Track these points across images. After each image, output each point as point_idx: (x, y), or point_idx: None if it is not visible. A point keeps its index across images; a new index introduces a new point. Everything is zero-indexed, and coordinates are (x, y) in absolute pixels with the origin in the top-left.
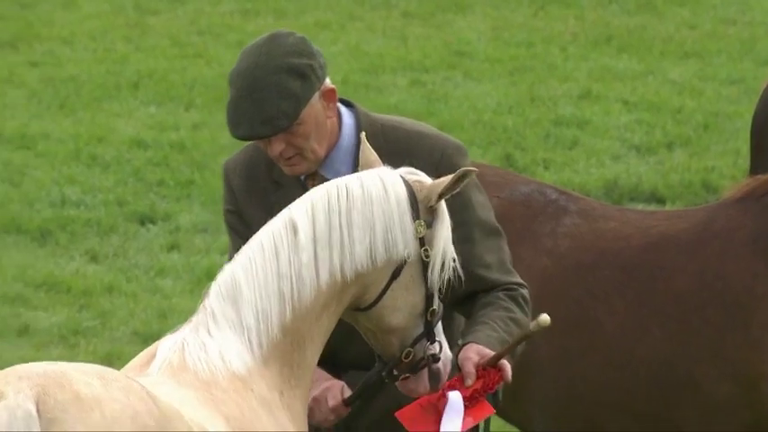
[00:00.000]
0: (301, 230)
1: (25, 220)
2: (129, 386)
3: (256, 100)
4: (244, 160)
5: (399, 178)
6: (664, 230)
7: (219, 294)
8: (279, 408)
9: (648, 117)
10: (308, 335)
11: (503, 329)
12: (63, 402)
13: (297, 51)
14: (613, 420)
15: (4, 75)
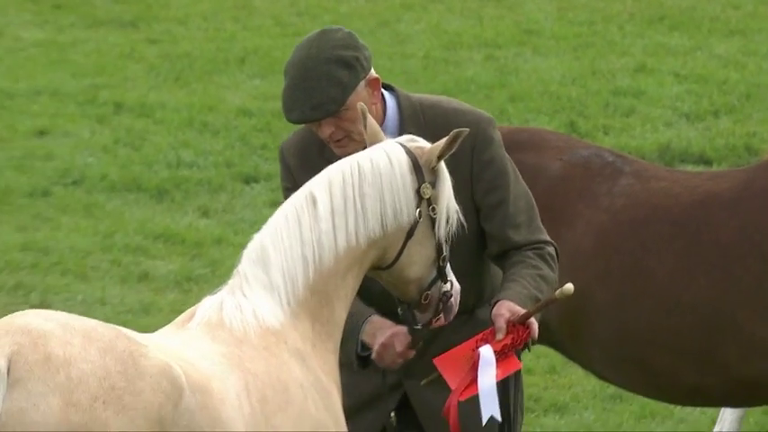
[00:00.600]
0: (320, 202)
1: (145, 180)
2: (111, 346)
3: (308, 88)
4: (297, 142)
5: (402, 149)
6: (709, 189)
7: (250, 260)
8: (311, 357)
9: (697, 88)
10: (334, 294)
11: (532, 286)
12: (31, 363)
13: (344, 45)
14: (663, 358)
15: (126, 51)
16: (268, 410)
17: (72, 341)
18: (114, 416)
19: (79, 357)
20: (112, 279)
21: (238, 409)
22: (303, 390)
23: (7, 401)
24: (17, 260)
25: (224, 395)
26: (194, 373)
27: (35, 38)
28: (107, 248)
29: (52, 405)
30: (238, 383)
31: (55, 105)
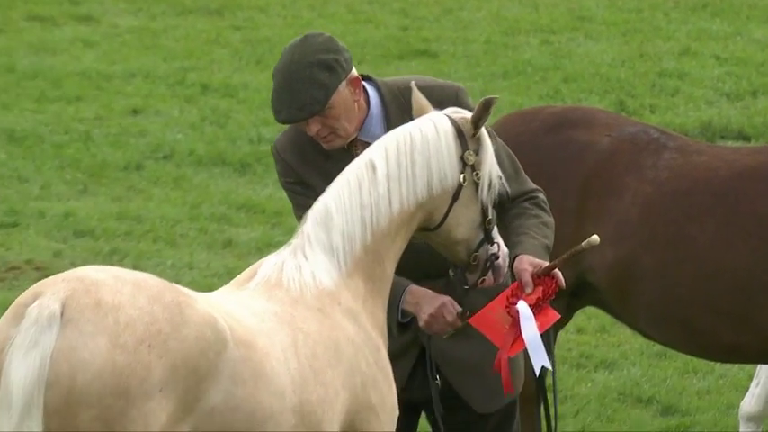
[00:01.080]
0: (379, 169)
1: (229, 154)
2: (159, 296)
3: (293, 90)
4: (291, 140)
5: (447, 119)
6: (747, 163)
7: (315, 221)
8: (362, 314)
9: (736, 70)
10: (385, 254)
11: (540, 235)
12: (83, 306)
13: (325, 49)
14: (704, 319)
15: (212, 37)
16: (317, 366)
17: (122, 289)
18: (158, 359)
19: (128, 304)
20: (199, 246)
21: (284, 364)
22: (354, 347)
23: (59, 339)
24: (113, 228)
25: (269, 350)
26: (240, 328)
27: (130, 25)
28: (194, 218)
29: (100, 345)
30: (286, 340)
31: (147, 87)
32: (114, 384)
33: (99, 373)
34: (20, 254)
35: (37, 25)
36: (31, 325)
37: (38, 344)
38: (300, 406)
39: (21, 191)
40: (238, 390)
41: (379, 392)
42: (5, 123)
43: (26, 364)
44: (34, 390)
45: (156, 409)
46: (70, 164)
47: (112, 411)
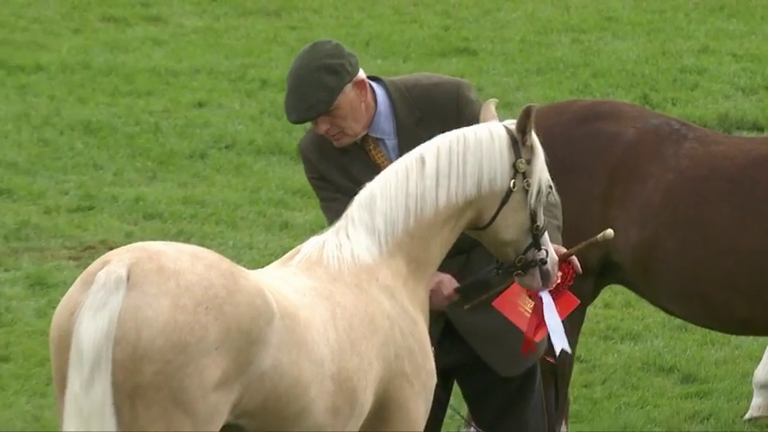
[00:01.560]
0: (428, 163)
1: (286, 144)
2: (215, 265)
3: (302, 93)
4: (312, 140)
5: (504, 129)
6: (762, 152)
7: (360, 204)
8: (401, 292)
9: (751, 66)
10: (432, 241)
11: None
12: (147, 271)
13: (331, 54)
14: (721, 295)
15: (270, 36)
16: (354, 336)
17: (181, 258)
18: (214, 321)
19: (187, 270)
20: (258, 228)
21: (323, 335)
22: (389, 320)
23: (125, 300)
24: (179, 211)
25: (310, 322)
26: (284, 301)
27: (195, 25)
28: (254, 202)
29: (162, 305)
30: (325, 314)
31: (211, 82)
32: (175, 341)
33: (161, 330)
34: (95, 235)
35: (111, 26)
36: (99, 288)
37: (106, 305)
38: (338, 374)
39: (96, 177)
40: (284, 357)
41: (414, 362)
42: (82, 116)
43: (95, 323)
44: (103, 346)
45: (211, 366)
46: (141, 153)
47: (172, 366)
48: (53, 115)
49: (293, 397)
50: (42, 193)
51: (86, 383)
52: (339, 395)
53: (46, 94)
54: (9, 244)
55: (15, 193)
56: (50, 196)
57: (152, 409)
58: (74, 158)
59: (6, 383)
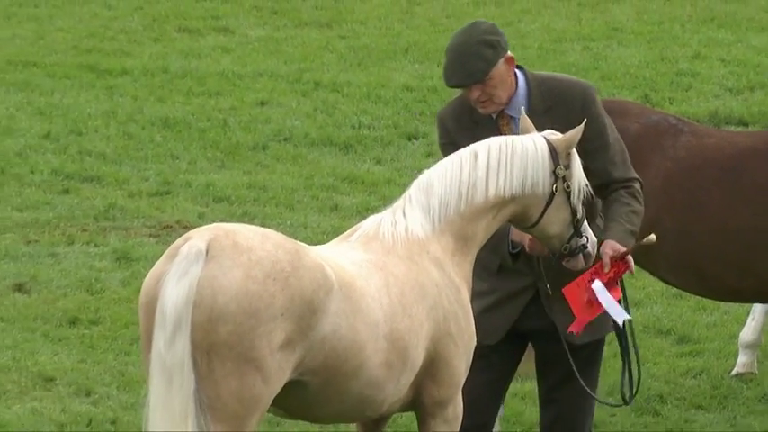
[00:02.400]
0: (480, 158)
1: (335, 137)
2: (282, 244)
3: (463, 62)
4: (453, 111)
5: (544, 140)
6: (748, 143)
7: (419, 187)
8: (448, 264)
9: (738, 70)
10: (478, 224)
11: (627, 222)
12: (223, 246)
13: (489, 32)
14: (712, 268)
15: (323, 44)
16: (405, 302)
17: (253, 237)
18: (281, 291)
19: (258, 247)
20: (312, 210)
21: (377, 300)
22: (438, 288)
23: (204, 270)
24: (244, 195)
25: (365, 291)
26: (342, 273)
27: (258, 35)
28: (308, 187)
29: (236, 275)
30: (379, 282)
31: (271, 84)
32: (246, 306)
33: (235, 296)
34: (171, 215)
35: (185, 36)
36: (182, 259)
37: (187, 273)
38: (390, 333)
39: (172, 166)
40: (342, 322)
41: (459, 325)
42: (161, 113)
43: (177, 289)
44: (184, 308)
45: (277, 330)
46: (211, 145)
47: (244, 328)
48: (136, 113)
49: (351, 355)
50: (126, 180)
51: (169, 341)
52: (392, 352)
53: (130, 95)
54: (98, 223)
55: (104, 179)
56: (133, 182)
57: (226, 364)
58: (153, 150)
59: (96, 343)
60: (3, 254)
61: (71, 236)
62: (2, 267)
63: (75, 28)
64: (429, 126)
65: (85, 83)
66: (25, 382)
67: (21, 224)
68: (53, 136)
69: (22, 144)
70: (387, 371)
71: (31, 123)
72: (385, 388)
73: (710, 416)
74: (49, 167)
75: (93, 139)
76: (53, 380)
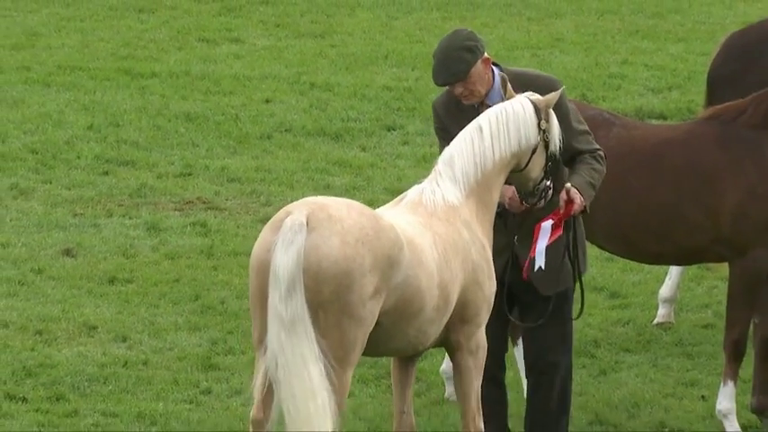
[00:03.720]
0: (485, 131)
1: (327, 128)
2: (363, 211)
3: (447, 65)
4: (442, 101)
5: (529, 101)
6: (668, 135)
7: (444, 162)
8: (475, 223)
9: (658, 74)
10: (492, 186)
11: (587, 175)
12: (320, 219)
13: (468, 38)
14: (638, 236)
15: (317, 52)
16: (447, 256)
17: (341, 208)
18: (367, 252)
19: (346, 217)
20: (308, 188)
21: (430, 255)
22: (468, 244)
23: (308, 240)
24: (252, 176)
25: (423, 247)
26: (407, 232)
27: (264, 44)
28: (305, 170)
29: (334, 242)
30: (429, 239)
31: (275, 84)
32: (345, 268)
33: (335, 261)
34: (192, 193)
35: (204, 45)
36: (287, 230)
37: (294, 242)
38: (440, 283)
39: (193, 152)
40: (411, 272)
41: (483, 274)
42: (184, 109)
43: (288, 256)
44: (296, 272)
45: (368, 284)
46: (225, 135)
47: (342, 285)
48: (163, 108)
49: (415, 300)
50: (156, 164)
51: (284, 298)
52: (441, 298)
53: (158, 94)
54: (132, 200)
55: (136, 163)
56: (161, 166)
57: (329, 317)
58: (178, 139)
59: (131, 298)
60: (53, 225)
61: (110, 210)
62: (53, 236)
63: (113, 38)
64: (405, 119)
65: (122, 84)
66: (72, 330)
67: (69, 200)
68: (95, 127)
69: (69, 134)
70: (436, 313)
71: (77, 117)
72: (434, 327)
73: (636, 357)
74: (91, 153)
75: (128, 129)
76: (95, 328)
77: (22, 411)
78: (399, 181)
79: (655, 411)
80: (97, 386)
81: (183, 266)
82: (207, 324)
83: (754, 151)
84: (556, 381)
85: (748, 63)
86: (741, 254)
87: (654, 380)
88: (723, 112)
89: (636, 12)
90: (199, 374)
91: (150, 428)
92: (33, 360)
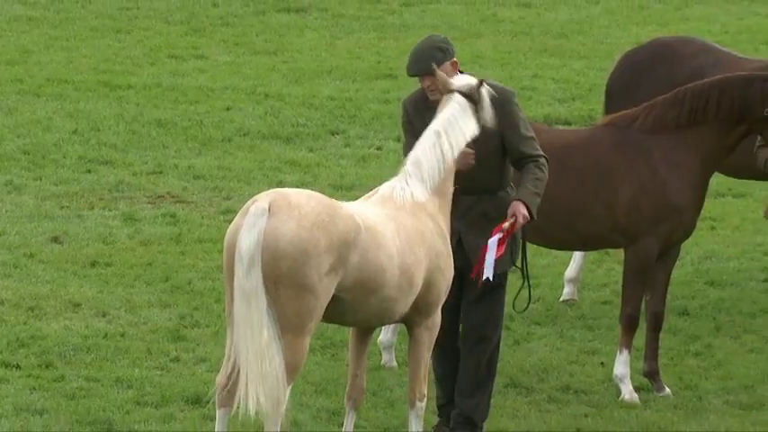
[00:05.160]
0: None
1: (280, 132)
2: (322, 200)
3: (419, 59)
4: (412, 99)
5: (461, 97)
6: (571, 139)
7: (412, 162)
8: (438, 216)
9: (564, 86)
10: (448, 182)
11: (532, 186)
12: (281, 205)
13: (441, 41)
14: (547, 226)
15: (270, 67)
16: (411, 243)
17: (301, 197)
18: (322, 234)
19: (305, 204)
20: (263, 185)
21: (392, 240)
22: (432, 234)
23: (268, 224)
24: (215, 174)
25: (384, 232)
26: (368, 220)
27: (225, 60)
28: (261, 168)
29: (291, 226)
30: (393, 228)
31: (234, 95)
32: (300, 248)
33: (291, 241)
34: (163, 189)
35: (174, 60)
36: (251, 215)
37: (256, 225)
38: (401, 265)
39: (164, 153)
40: (369, 254)
41: (444, 261)
42: (156, 116)
43: (249, 236)
44: (255, 251)
45: (323, 262)
46: (191, 138)
47: (298, 263)
48: (138, 115)
49: (375, 277)
50: (131, 163)
51: (245, 274)
52: (402, 278)
53: (133, 103)
54: (111, 194)
55: (115, 162)
56: (136, 165)
57: (288, 290)
58: (150, 141)
59: (110, 280)
60: (43, 216)
61: (92, 203)
62: (42, 225)
63: (94, 55)
64: (347, 125)
65: (102, 94)
66: (59, 306)
67: (56, 195)
68: (79, 132)
69: (56, 138)
70: (398, 291)
71: (63, 123)
72: (396, 304)
73: (545, 329)
74: (76, 154)
75: (108, 134)
76: (79, 305)
77: (15, 377)
78: (342, 178)
79: (561, 375)
80: (81, 355)
81: (155, 252)
82: (176, 301)
83: (645, 153)
84: (486, 351)
85: (640, 77)
86: (634, 241)
87: (560, 349)
88: (619, 119)
89: (544, 33)
90: (169, 345)
91: (127, 391)
92: (26, 333)
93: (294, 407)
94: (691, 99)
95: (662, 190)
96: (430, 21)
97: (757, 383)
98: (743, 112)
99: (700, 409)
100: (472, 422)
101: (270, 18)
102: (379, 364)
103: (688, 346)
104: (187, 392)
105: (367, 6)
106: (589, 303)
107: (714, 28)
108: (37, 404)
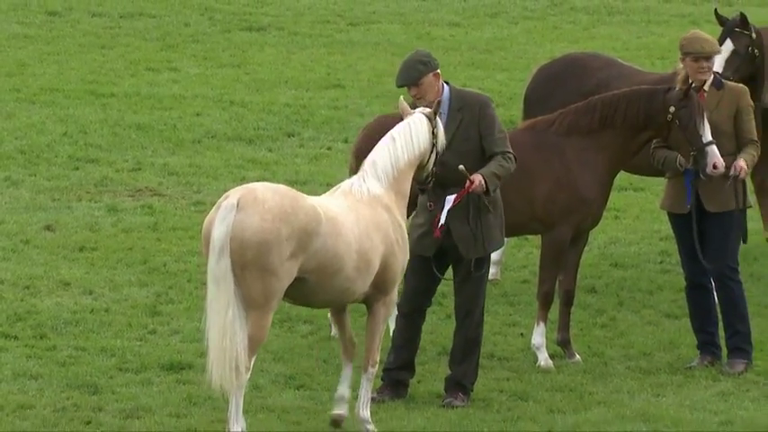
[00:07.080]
0: (397, 141)
1: (243, 134)
2: (287, 194)
3: (405, 71)
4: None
5: (422, 115)
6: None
7: (368, 163)
8: (394, 209)
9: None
10: (404, 179)
11: (494, 167)
12: (248, 200)
13: (425, 55)
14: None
15: (235, 78)
16: (368, 231)
17: (267, 192)
18: (285, 226)
19: (270, 199)
20: (229, 180)
21: (351, 229)
22: (387, 224)
23: (236, 217)
24: (187, 171)
25: (344, 221)
26: (329, 211)
27: (195, 72)
28: (226, 166)
29: (255, 219)
30: (352, 219)
31: (204, 102)
32: (263, 238)
33: (255, 232)
34: (142, 183)
35: (151, 73)
36: (223, 210)
37: (226, 219)
38: (359, 250)
39: (142, 153)
40: (329, 241)
41: (399, 247)
42: (135, 120)
43: (221, 228)
44: (225, 241)
45: (285, 249)
46: (166, 139)
47: (261, 250)
48: (120, 120)
49: (335, 261)
50: (114, 161)
51: (216, 260)
52: (360, 262)
53: (116, 109)
54: (96, 188)
55: (100, 161)
56: (118, 163)
57: (253, 273)
58: (131, 143)
59: (96, 262)
60: (37, 207)
61: (80, 196)
62: (37, 215)
63: (82, 68)
64: (301, 128)
65: (88, 102)
66: (52, 286)
67: (49, 189)
68: (68, 134)
69: (49, 139)
70: (357, 273)
71: (55, 127)
72: (356, 284)
73: None
74: (66, 154)
75: (94, 136)
76: (69, 284)
77: (13, 347)
78: (297, 174)
79: (485, 345)
80: (70, 328)
81: (135, 238)
82: (153, 281)
83: (560, 153)
84: (473, 322)
85: (554, 87)
86: (550, 229)
87: (485, 321)
88: (537, 123)
89: (471, 49)
90: (147, 319)
91: (110, 359)
92: (22, 308)
93: (255, 373)
94: (602, 107)
95: (574, 185)
96: (373, 38)
97: (654, 351)
98: (647, 120)
99: (605, 373)
100: (462, 385)
101: (234, 36)
102: (329, 335)
103: (595, 319)
104: (162, 360)
105: (318, 26)
106: (510, 282)
107: (617, 45)
108: (32, 370)
